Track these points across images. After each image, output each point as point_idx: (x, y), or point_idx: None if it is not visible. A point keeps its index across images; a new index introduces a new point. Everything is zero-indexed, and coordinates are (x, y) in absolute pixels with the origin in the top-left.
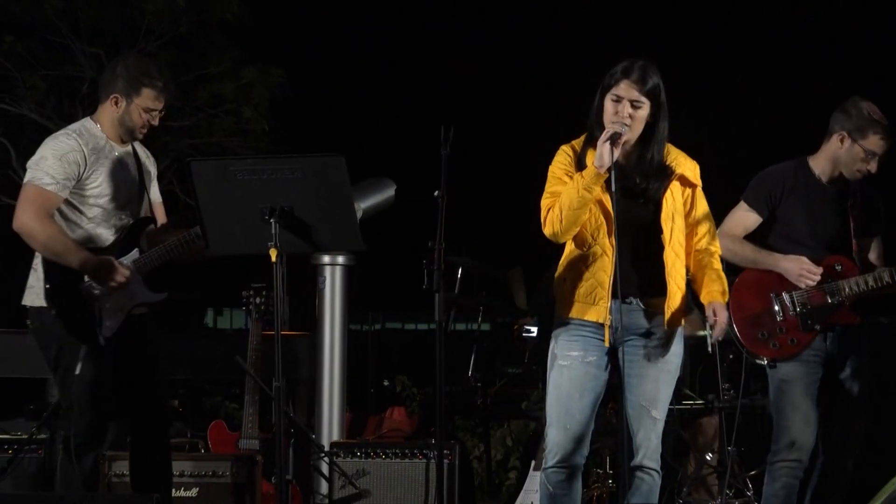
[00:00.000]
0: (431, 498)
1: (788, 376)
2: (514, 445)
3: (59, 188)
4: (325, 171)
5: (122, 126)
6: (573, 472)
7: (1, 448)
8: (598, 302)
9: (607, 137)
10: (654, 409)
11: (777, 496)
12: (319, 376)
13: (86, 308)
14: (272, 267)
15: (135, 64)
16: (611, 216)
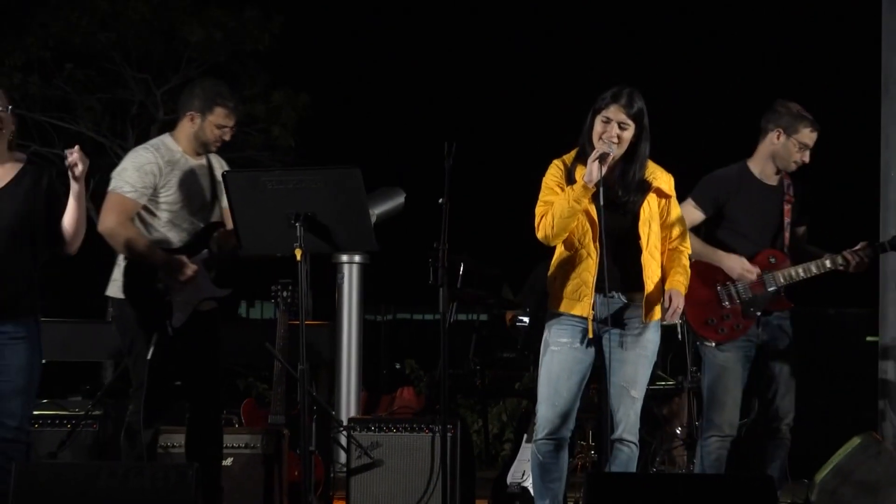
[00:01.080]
0: (437, 466)
1: (726, 363)
2: (509, 421)
3: (137, 195)
4: (343, 181)
5: (197, 140)
6: (560, 444)
7: (61, 423)
8: (582, 298)
9: (597, 156)
10: (633, 389)
11: (712, 466)
12: (338, 360)
13: (158, 301)
14: (297, 265)
15: (210, 86)
16: (596, 224)
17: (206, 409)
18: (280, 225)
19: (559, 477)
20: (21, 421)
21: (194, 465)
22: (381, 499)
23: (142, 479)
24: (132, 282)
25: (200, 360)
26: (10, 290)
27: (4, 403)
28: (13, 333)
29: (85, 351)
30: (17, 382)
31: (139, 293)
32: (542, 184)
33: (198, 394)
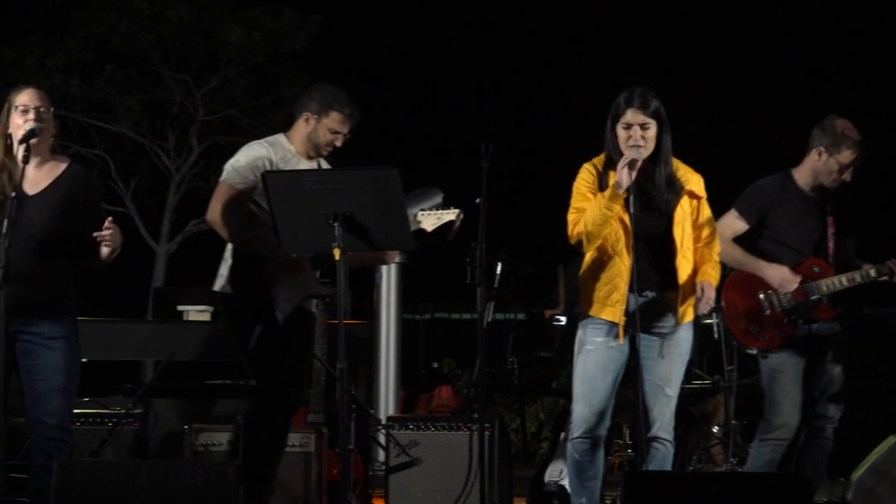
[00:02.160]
0: (474, 465)
1: (779, 366)
2: (546, 419)
3: (246, 187)
4: (381, 181)
5: (309, 142)
6: (596, 442)
7: (102, 421)
8: (615, 304)
9: (626, 163)
10: (668, 387)
11: (763, 468)
12: (377, 359)
13: (265, 293)
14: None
15: (329, 90)
16: (629, 230)
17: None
18: (319, 225)
19: (595, 475)
20: (61, 420)
21: (235, 464)
22: (420, 497)
23: (181, 478)
24: (239, 274)
25: (294, 356)
26: (45, 291)
27: (44, 403)
28: (49, 333)
29: (126, 350)
30: (55, 382)
31: (245, 285)
32: (574, 189)
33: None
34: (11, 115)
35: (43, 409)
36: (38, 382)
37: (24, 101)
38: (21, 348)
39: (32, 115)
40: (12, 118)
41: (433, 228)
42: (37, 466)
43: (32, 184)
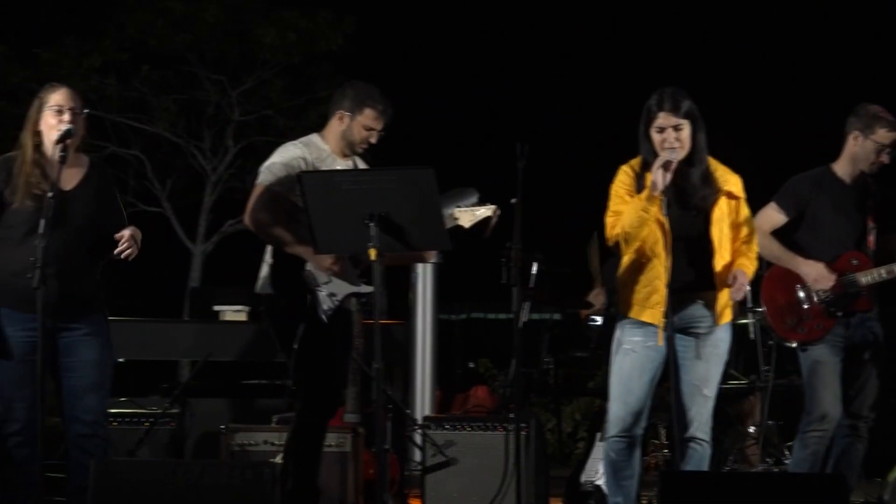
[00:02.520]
0: (510, 465)
1: (820, 358)
2: (582, 419)
3: (284, 189)
4: (417, 181)
5: (344, 140)
6: (633, 442)
7: (138, 421)
8: (654, 306)
9: (660, 164)
10: (705, 387)
11: (806, 460)
12: (413, 359)
13: (306, 293)
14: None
15: (362, 87)
16: (667, 231)
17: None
18: (355, 225)
19: (632, 475)
20: (98, 416)
21: (271, 464)
22: (456, 497)
23: (217, 477)
24: (280, 274)
25: (338, 356)
26: (84, 287)
27: (80, 399)
28: (86, 330)
29: (162, 350)
30: (91, 378)
31: (287, 286)
32: (611, 192)
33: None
34: (43, 114)
35: (80, 406)
36: (76, 379)
37: (59, 101)
38: (60, 345)
39: (68, 116)
40: (44, 117)
41: (470, 225)
42: (74, 463)
43: (65, 182)
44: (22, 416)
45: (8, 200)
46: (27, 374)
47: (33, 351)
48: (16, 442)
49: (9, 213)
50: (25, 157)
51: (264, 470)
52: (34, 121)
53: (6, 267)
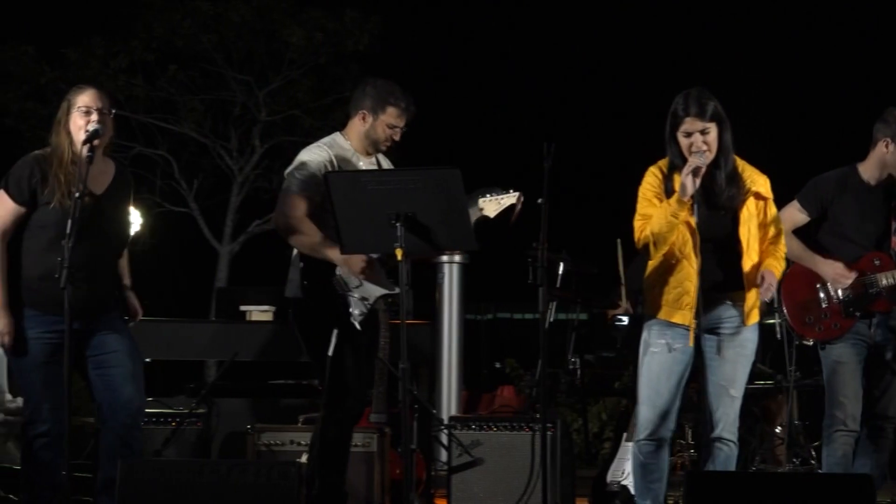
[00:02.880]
0: (537, 465)
1: (840, 357)
2: (609, 419)
3: (311, 192)
4: (443, 181)
5: (367, 139)
6: (661, 444)
7: (165, 421)
8: (684, 307)
9: (689, 170)
10: (732, 388)
11: (839, 463)
12: (439, 359)
13: (337, 297)
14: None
15: (382, 85)
16: (696, 233)
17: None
18: (381, 225)
19: (660, 477)
20: (139, 406)
21: (297, 464)
22: (482, 497)
23: (244, 477)
24: (311, 279)
25: (366, 357)
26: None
27: (121, 389)
28: (114, 324)
29: (189, 350)
30: (128, 367)
31: (318, 290)
32: (639, 194)
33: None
34: (72, 115)
35: (120, 396)
36: (113, 370)
37: (86, 103)
38: (89, 343)
39: (95, 117)
40: (73, 118)
41: (496, 214)
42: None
43: (96, 183)
44: (49, 417)
45: (44, 200)
46: (53, 376)
47: (59, 352)
48: (42, 443)
49: (42, 213)
50: (63, 159)
51: (290, 469)
52: (64, 122)
53: (35, 269)
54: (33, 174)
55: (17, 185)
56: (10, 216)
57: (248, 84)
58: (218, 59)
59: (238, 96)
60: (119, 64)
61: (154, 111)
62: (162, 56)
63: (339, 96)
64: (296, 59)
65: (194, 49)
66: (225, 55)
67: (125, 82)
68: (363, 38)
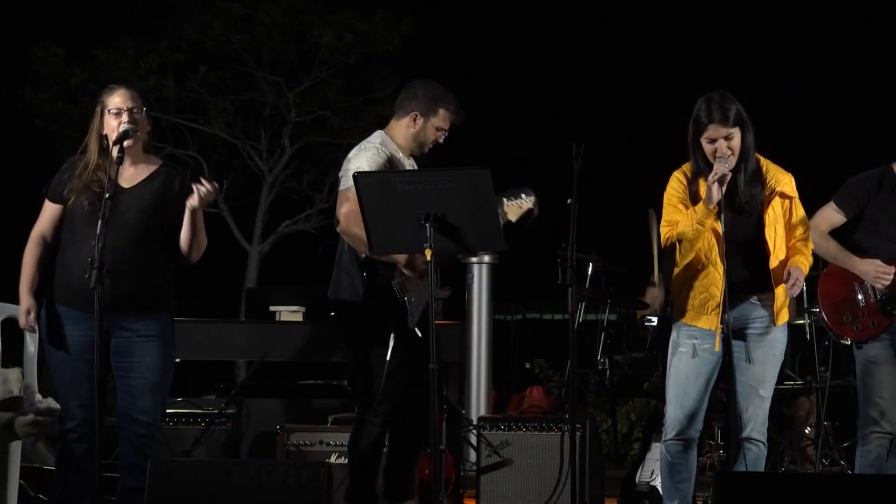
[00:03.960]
0: (566, 465)
1: (875, 357)
2: (638, 420)
3: None
4: (472, 182)
5: (415, 141)
6: (689, 444)
7: (195, 421)
8: (710, 312)
9: (715, 179)
10: (761, 388)
11: (872, 464)
12: (468, 360)
13: (396, 301)
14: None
15: (434, 87)
16: (721, 239)
17: (419, 410)
18: (410, 225)
19: (688, 477)
20: (153, 418)
21: (326, 464)
22: (511, 497)
23: (273, 477)
24: (371, 282)
25: (417, 363)
26: (143, 287)
27: (137, 400)
28: (144, 331)
29: (219, 350)
30: (149, 380)
31: (378, 294)
32: (664, 200)
33: (416, 394)
34: (105, 117)
35: (136, 407)
36: (132, 380)
37: (118, 104)
38: (116, 345)
39: (126, 118)
40: (106, 120)
41: (517, 218)
42: (127, 464)
43: (127, 181)
44: (77, 414)
45: (66, 198)
46: (83, 373)
47: (90, 349)
48: (72, 439)
49: (70, 212)
50: (89, 161)
51: (320, 470)
52: (98, 125)
53: (66, 266)
54: (63, 173)
55: (52, 184)
56: (47, 214)
57: (278, 85)
58: (248, 59)
59: (268, 97)
60: (149, 65)
61: (184, 112)
62: (192, 57)
63: (369, 97)
64: (326, 59)
65: (224, 50)
66: (255, 56)
67: (155, 83)
68: (393, 39)
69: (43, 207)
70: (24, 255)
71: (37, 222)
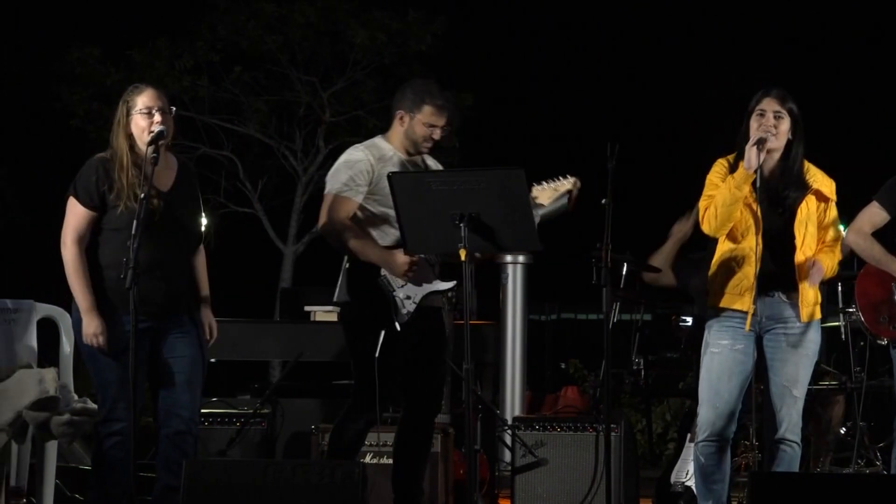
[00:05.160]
0: (600, 465)
1: None
2: (673, 420)
3: (352, 193)
4: (507, 181)
5: (408, 139)
6: (722, 445)
7: (230, 421)
8: (744, 293)
9: (754, 142)
10: (794, 388)
11: None
12: (503, 360)
13: (383, 299)
14: (462, 265)
15: (419, 85)
16: (758, 219)
17: (422, 409)
18: (445, 225)
19: (722, 478)
20: (192, 413)
21: (361, 464)
22: (546, 497)
23: (308, 477)
24: (355, 281)
25: (424, 357)
26: (184, 286)
27: (178, 396)
28: (183, 328)
29: (254, 350)
30: (189, 375)
31: (363, 293)
32: (706, 181)
33: (417, 392)
34: (133, 117)
35: (177, 403)
36: (175, 376)
37: (147, 103)
38: (161, 344)
39: (158, 118)
40: (134, 119)
41: (550, 202)
42: (165, 461)
43: (161, 182)
44: (124, 416)
45: (112, 203)
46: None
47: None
48: (114, 442)
49: (112, 216)
50: (123, 161)
51: (354, 470)
52: (124, 124)
53: (109, 270)
54: (100, 178)
55: (86, 190)
56: (84, 221)
57: (313, 85)
58: (282, 59)
59: (302, 97)
60: (184, 65)
61: (219, 112)
62: (227, 57)
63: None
64: (360, 59)
65: (259, 50)
66: (289, 56)
67: (190, 83)
68: (427, 39)
69: (74, 212)
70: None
71: (72, 229)
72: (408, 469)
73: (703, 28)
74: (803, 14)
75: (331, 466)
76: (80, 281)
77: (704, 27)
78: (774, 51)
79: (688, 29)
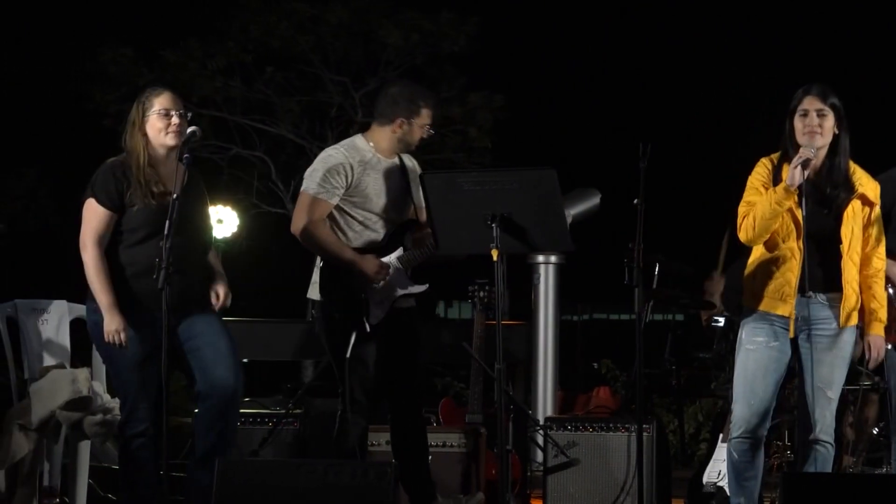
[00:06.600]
0: (633, 466)
1: None
2: (705, 420)
3: (328, 195)
4: (539, 182)
5: (401, 143)
6: (756, 443)
7: (262, 421)
8: (785, 298)
9: (799, 162)
10: (829, 389)
11: None
12: (535, 360)
13: (355, 299)
14: (494, 265)
15: (408, 89)
16: (800, 224)
17: (405, 407)
18: (476, 225)
19: (754, 476)
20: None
21: (393, 464)
22: (578, 497)
23: (341, 477)
24: (329, 281)
25: (398, 357)
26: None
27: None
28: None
29: (286, 350)
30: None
31: (336, 292)
32: (748, 183)
33: (397, 392)
34: (150, 118)
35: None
36: (204, 350)
37: (165, 105)
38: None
39: (178, 120)
40: (150, 120)
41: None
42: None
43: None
44: (146, 416)
45: (131, 203)
46: (149, 375)
47: (155, 351)
48: (140, 443)
49: (129, 216)
50: (140, 161)
51: (387, 470)
52: (140, 125)
53: (128, 268)
54: (118, 179)
55: (106, 191)
56: (104, 222)
57: (345, 85)
58: (314, 60)
59: (335, 97)
60: (216, 65)
61: (251, 112)
62: (259, 57)
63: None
64: (392, 60)
65: (291, 50)
66: (321, 56)
67: (222, 83)
68: (459, 39)
69: (94, 214)
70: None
71: (92, 230)
72: (411, 466)
73: (740, 27)
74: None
75: (363, 467)
76: (101, 281)
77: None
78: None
79: (723, 28)
